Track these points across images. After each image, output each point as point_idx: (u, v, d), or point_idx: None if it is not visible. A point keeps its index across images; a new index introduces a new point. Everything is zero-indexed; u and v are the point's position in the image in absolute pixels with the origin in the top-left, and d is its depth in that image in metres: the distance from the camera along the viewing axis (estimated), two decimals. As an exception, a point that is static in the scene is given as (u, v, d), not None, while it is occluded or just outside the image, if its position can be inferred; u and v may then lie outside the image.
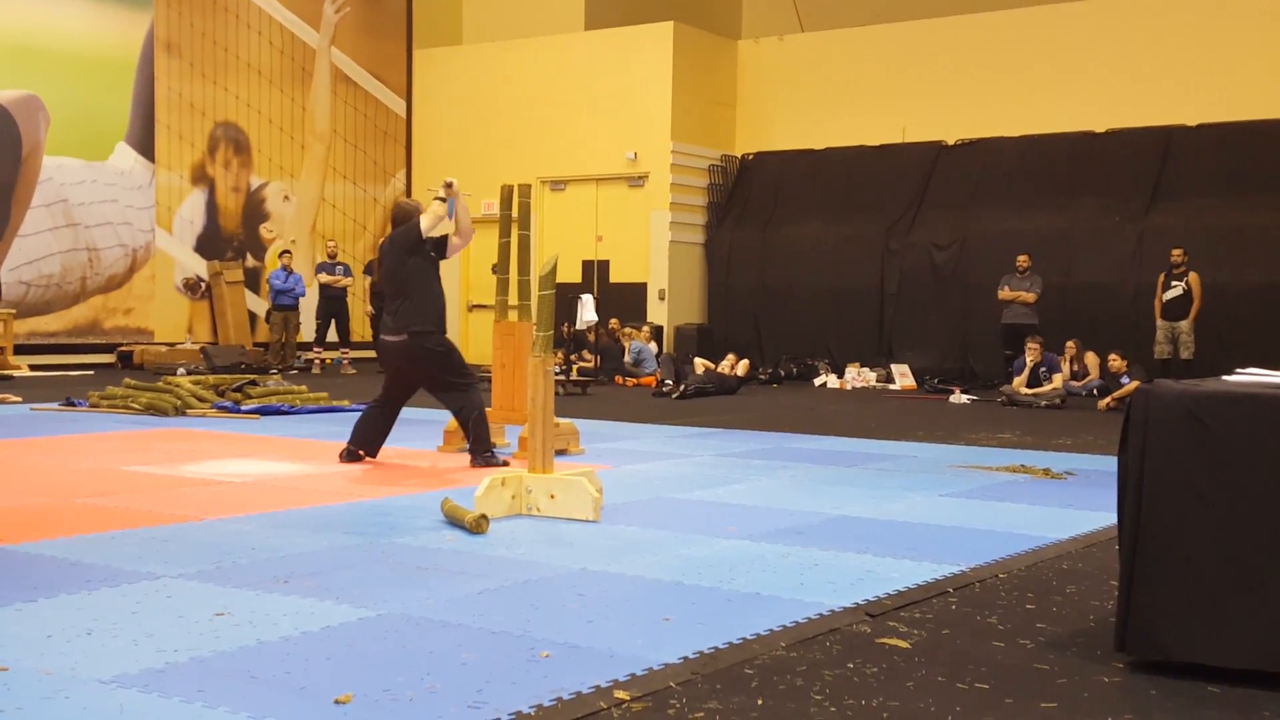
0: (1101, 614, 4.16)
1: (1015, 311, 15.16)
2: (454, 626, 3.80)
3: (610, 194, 19.15)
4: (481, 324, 19.43)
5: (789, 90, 19.31)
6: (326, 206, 19.88)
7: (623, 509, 6.02)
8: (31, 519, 5.53)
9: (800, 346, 17.86)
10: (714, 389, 14.18)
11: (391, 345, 7.40)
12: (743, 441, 9.23)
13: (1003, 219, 16.91)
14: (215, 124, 18.40)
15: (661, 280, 18.68)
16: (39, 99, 16.26)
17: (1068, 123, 17.02)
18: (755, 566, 4.78)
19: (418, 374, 7.48)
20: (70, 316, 16.72)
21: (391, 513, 5.87)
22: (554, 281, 6.12)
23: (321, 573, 4.51)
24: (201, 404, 10.62)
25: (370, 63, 20.41)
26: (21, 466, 7.28)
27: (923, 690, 3.29)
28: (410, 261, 7.34)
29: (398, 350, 7.38)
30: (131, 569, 4.51)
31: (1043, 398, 13.33)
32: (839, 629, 3.89)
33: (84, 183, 16.72)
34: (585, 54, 19.21)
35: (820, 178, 18.71)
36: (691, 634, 3.77)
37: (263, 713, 2.98)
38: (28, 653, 3.43)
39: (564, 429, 8.11)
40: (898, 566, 4.83)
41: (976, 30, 17.94)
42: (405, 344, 7.33)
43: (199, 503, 6.06)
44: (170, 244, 17.82)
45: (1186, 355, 14.11)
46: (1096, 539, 5.54)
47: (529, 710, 3.03)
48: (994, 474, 7.64)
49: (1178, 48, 16.50)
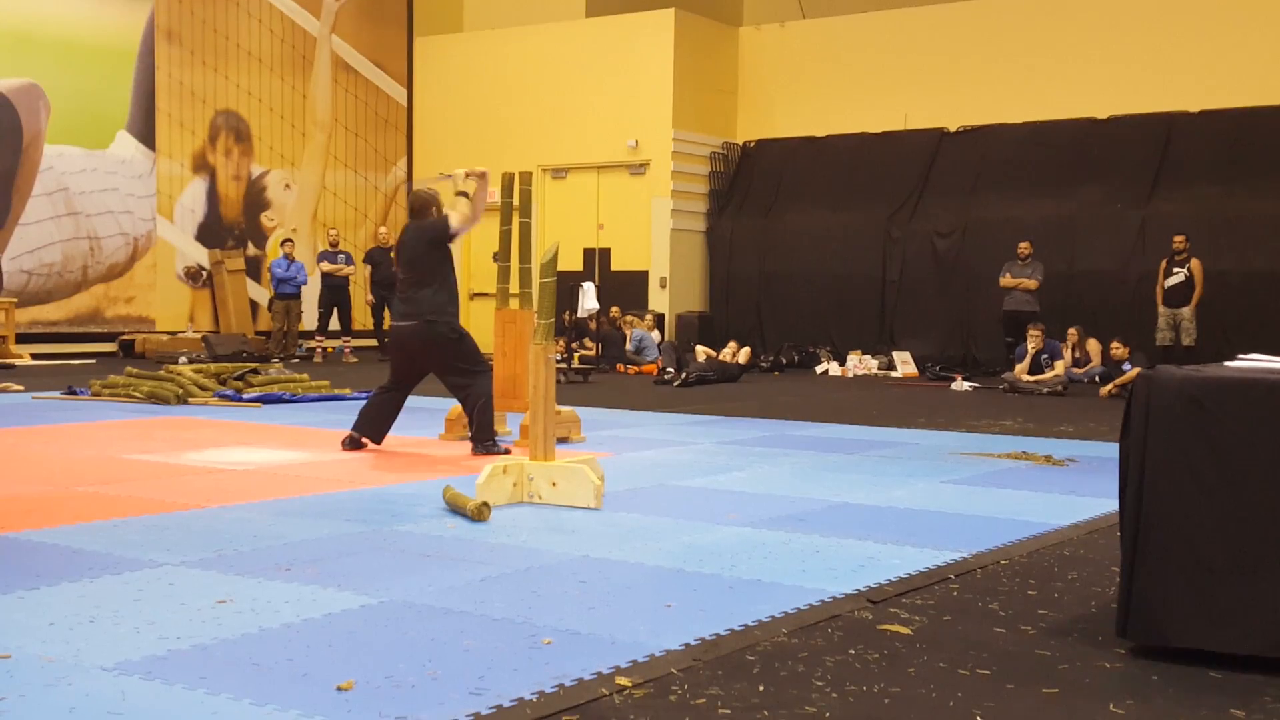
0: (1103, 600, 4.16)
1: (1017, 299, 15.15)
2: (456, 614, 3.80)
3: (611, 181, 19.13)
4: (483, 312, 19.43)
5: (790, 77, 19.27)
6: (328, 195, 19.87)
7: (624, 496, 6.03)
8: (34, 507, 5.54)
9: (802, 334, 17.86)
10: (715, 377, 14.18)
11: (406, 330, 7.42)
12: (744, 429, 9.22)
13: (1004, 206, 16.89)
14: (216, 112, 18.38)
15: (663, 268, 18.67)
16: (40, 87, 16.24)
17: (1070, 109, 16.99)
18: (757, 553, 4.78)
19: (430, 358, 7.50)
20: (72, 305, 16.72)
21: (393, 500, 5.88)
22: (555, 269, 6.11)
23: (323, 560, 4.52)
24: (203, 392, 10.62)
25: (371, 50, 20.38)
26: (24, 455, 7.28)
27: (924, 677, 3.29)
28: (433, 254, 7.45)
29: (411, 334, 7.40)
30: (133, 556, 4.52)
31: (1044, 385, 13.33)
32: (840, 615, 3.89)
33: (85, 171, 16.71)
34: (586, 41, 19.18)
35: (822, 165, 18.68)
36: (693, 620, 3.77)
37: (265, 700, 2.99)
38: (30, 640, 3.43)
39: (565, 417, 8.11)
40: (899, 553, 4.83)
41: (979, 16, 17.90)
42: (419, 328, 7.36)
43: (201, 491, 6.07)
44: (171, 232, 17.81)
45: (1188, 342, 14.10)
46: (1098, 525, 5.54)
47: (531, 696, 3.03)
48: (996, 461, 7.64)
49: (1180, 34, 16.46)
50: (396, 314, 7.57)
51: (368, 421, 7.63)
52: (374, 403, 7.66)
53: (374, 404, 7.65)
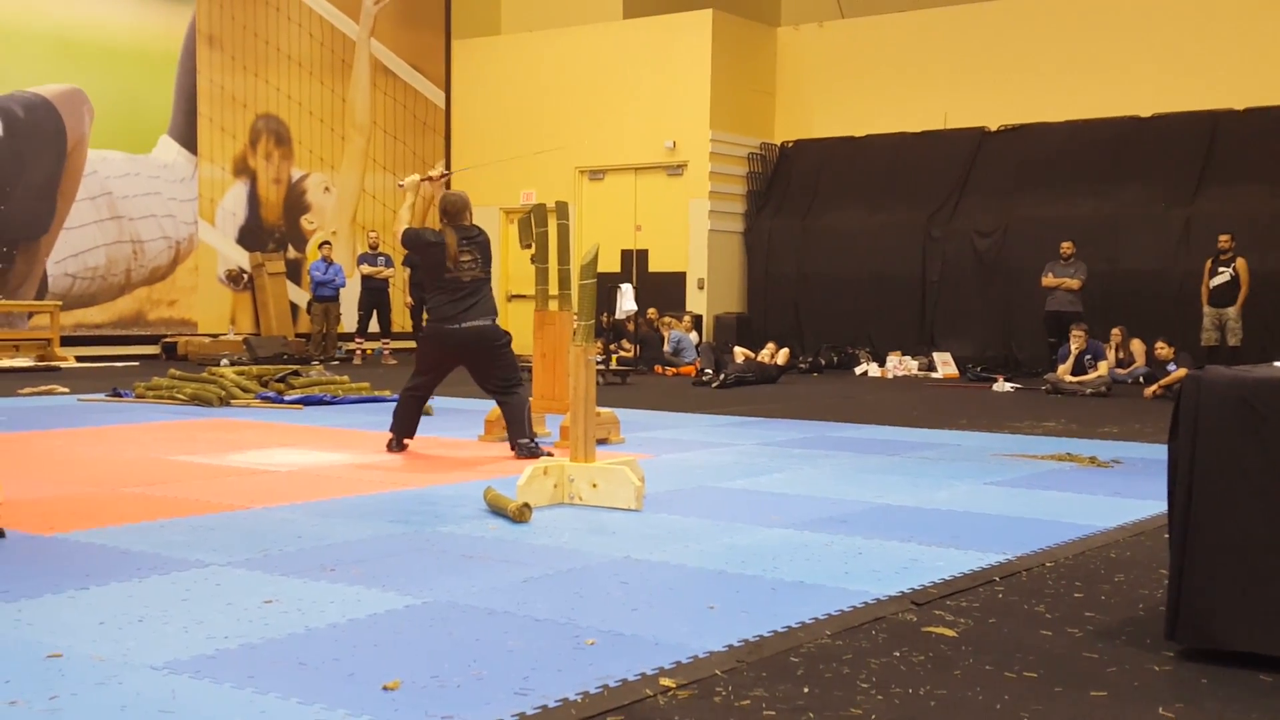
0: (1151, 603, 4.12)
1: (1060, 299, 15.03)
2: (499, 614, 3.81)
3: (649, 183, 19.13)
4: (521, 314, 19.49)
5: (829, 77, 19.21)
6: (366, 198, 19.98)
7: (664, 498, 6.02)
8: (82, 508, 5.60)
9: (841, 335, 17.80)
10: (754, 378, 14.15)
11: (470, 331, 7.39)
12: (784, 430, 9.20)
13: (1046, 205, 16.76)
14: (256, 116, 18.53)
15: (701, 269, 18.66)
16: (83, 92, 16.43)
17: (1113, 108, 16.85)
18: (799, 555, 4.77)
19: (481, 361, 7.51)
20: (115, 308, 16.90)
21: (435, 501, 5.90)
22: (595, 271, 6.12)
23: (367, 561, 4.54)
24: (245, 394, 10.71)
25: (409, 54, 20.48)
26: (71, 456, 7.37)
27: (970, 679, 3.27)
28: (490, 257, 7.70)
29: (476, 335, 7.40)
30: (180, 557, 4.56)
31: (1088, 385, 13.22)
32: (885, 617, 3.87)
33: (128, 175, 16.89)
34: (624, 43, 19.20)
35: (861, 165, 18.61)
36: (736, 622, 3.76)
37: (312, 699, 3.00)
38: (81, 639, 3.47)
39: (605, 418, 8.12)
40: (943, 555, 4.80)
41: (1020, 15, 17.78)
42: (486, 329, 7.43)
43: (245, 491, 6.12)
44: (213, 236, 17.97)
45: (1234, 342, 13.95)
46: (1145, 528, 5.49)
47: (575, 697, 3.04)
48: (1039, 462, 7.58)
49: (1224, 32, 16.28)
50: (463, 314, 7.38)
51: (404, 424, 7.70)
52: (407, 406, 7.69)
53: (407, 407, 7.69)
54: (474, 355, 7.52)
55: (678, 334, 16.57)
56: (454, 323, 7.40)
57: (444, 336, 7.47)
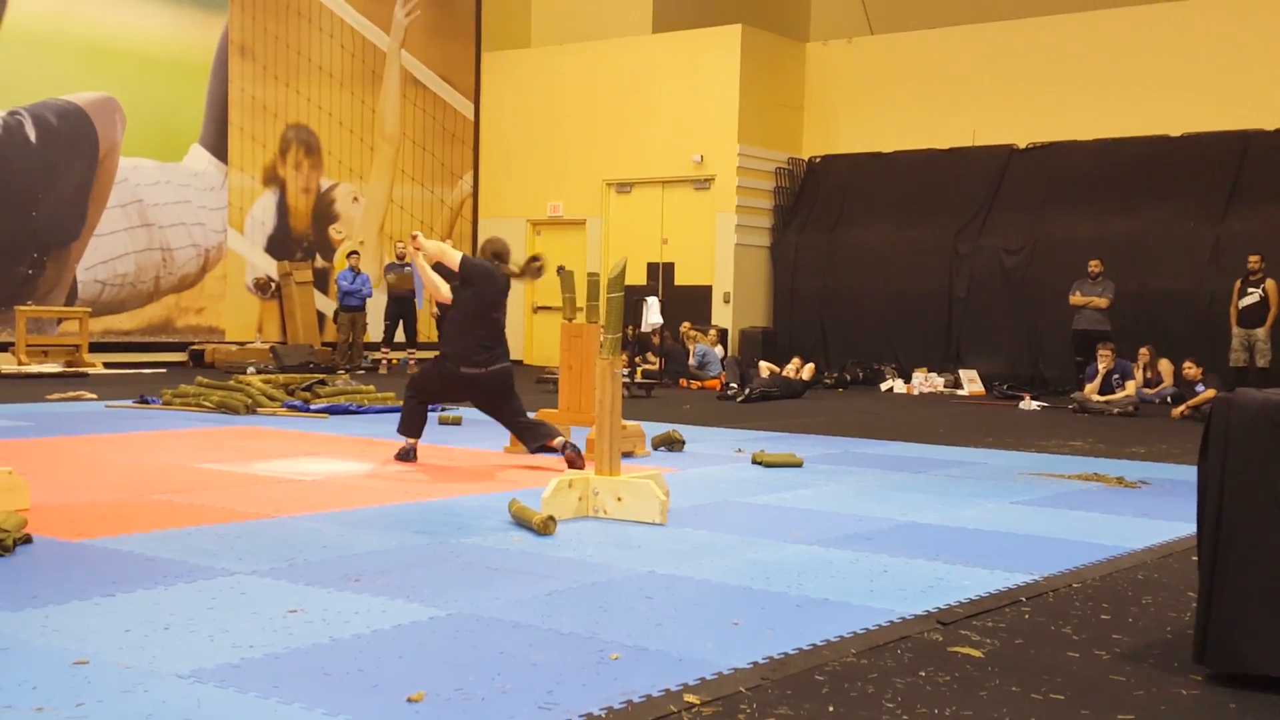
0: (1179, 625, 4.08)
1: (1087, 317, 14.95)
2: (524, 627, 3.81)
3: (676, 196, 19.14)
4: (546, 326, 19.52)
5: (857, 93, 19.20)
6: (394, 208, 20.07)
7: (689, 512, 6.02)
8: (108, 514, 5.63)
9: (866, 351, 17.75)
10: (779, 393, 14.13)
11: (493, 375, 7.54)
12: (808, 446, 9.17)
13: (1075, 223, 16.69)
14: (286, 126, 18.64)
15: (727, 283, 18.65)
16: (116, 101, 16.56)
17: (1142, 126, 16.77)
18: (824, 572, 4.75)
19: (497, 399, 7.64)
20: (144, 315, 17.00)
21: (460, 513, 5.91)
22: (623, 284, 6.12)
23: (392, 571, 4.55)
24: (272, 403, 10.75)
25: (439, 65, 20.57)
26: (99, 463, 7.41)
27: (996, 700, 3.25)
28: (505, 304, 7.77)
29: (492, 378, 7.54)
30: (206, 565, 4.57)
31: (1115, 405, 13.14)
32: (910, 636, 3.85)
33: (159, 183, 17.01)
34: (652, 56, 19.23)
35: (888, 181, 18.58)
36: (761, 639, 3.75)
37: (337, 710, 3.01)
38: (107, 646, 3.48)
39: (630, 431, 8.11)
40: (969, 574, 4.78)
41: (1048, 33, 17.73)
42: (504, 372, 7.58)
43: (271, 500, 6.14)
44: (241, 244, 18.07)
45: (1263, 363, 13.84)
46: (1173, 549, 5.45)
47: (600, 712, 3.03)
48: (1066, 482, 7.54)
49: (1254, 51, 16.19)
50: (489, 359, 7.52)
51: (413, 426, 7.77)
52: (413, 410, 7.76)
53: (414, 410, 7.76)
54: (490, 395, 7.65)
55: (703, 347, 16.56)
56: (479, 367, 7.53)
57: (465, 382, 7.60)
